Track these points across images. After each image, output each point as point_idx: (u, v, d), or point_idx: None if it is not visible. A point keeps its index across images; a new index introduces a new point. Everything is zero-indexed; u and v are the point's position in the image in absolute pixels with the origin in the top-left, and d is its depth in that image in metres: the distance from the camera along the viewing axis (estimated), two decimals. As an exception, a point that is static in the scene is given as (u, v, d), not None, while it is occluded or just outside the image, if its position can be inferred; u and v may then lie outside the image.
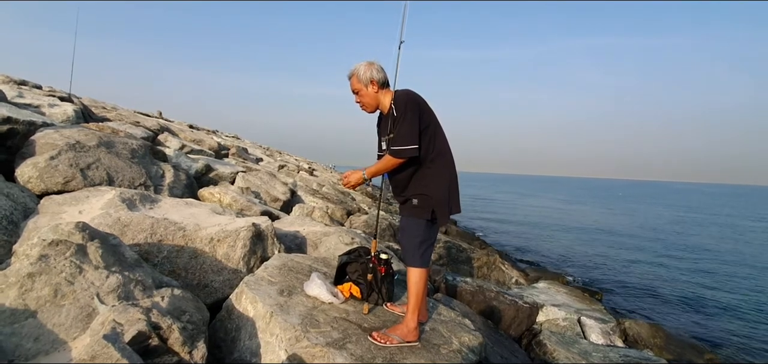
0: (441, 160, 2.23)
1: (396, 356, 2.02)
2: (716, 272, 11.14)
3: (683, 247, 15.39)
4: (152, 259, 2.64)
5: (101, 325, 1.69)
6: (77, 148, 3.83)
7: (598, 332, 4.98)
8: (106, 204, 3.07)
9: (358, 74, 2.25)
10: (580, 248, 13.86)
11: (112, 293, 1.93)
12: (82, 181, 3.57)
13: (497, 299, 4.65)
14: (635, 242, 16.06)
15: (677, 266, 11.68)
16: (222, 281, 2.70)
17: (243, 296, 2.32)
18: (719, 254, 14.13)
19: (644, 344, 5.16)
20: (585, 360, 4.10)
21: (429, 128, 2.19)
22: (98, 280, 1.97)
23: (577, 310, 5.48)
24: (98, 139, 4.10)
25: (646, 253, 13.67)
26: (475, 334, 2.51)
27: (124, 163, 4.10)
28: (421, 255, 2.20)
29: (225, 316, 2.34)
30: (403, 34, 2.31)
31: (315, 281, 2.49)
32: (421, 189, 2.21)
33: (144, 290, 2.01)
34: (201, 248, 2.84)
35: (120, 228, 2.76)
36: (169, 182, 4.43)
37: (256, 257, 3.01)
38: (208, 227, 3.07)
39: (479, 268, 7.37)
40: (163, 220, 3.00)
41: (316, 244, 3.87)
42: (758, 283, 10.04)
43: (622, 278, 9.98)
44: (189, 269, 2.68)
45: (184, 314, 1.90)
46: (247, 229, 3.03)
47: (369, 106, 2.30)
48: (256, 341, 2.10)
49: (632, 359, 4.34)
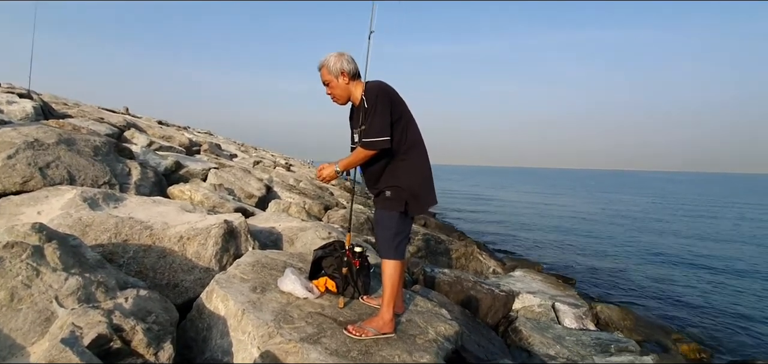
0: (414, 152, 2.22)
1: (371, 349, 2.02)
2: (683, 256, 11.65)
3: (652, 232, 16.03)
4: (117, 260, 2.53)
5: (60, 329, 1.62)
6: (36, 147, 3.64)
7: (572, 316, 5.13)
8: (67, 204, 2.93)
9: (328, 66, 2.21)
10: (554, 237, 14.24)
11: (72, 296, 1.84)
12: (42, 180, 3.40)
13: (474, 289, 4.71)
14: (606, 228, 16.62)
15: (646, 251, 12.16)
16: (193, 280, 2.63)
17: (214, 295, 2.26)
18: (686, 238, 14.79)
19: (615, 326, 5.35)
20: (559, 344, 4.22)
21: (401, 120, 2.18)
22: (57, 282, 1.88)
23: (552, 296, 5.62)
24: (58, 137, 3.91)
25: (617, 239, 14.18)
26: (452, 323, 2.53)
27: (86, 161, 3.92)
28: (395, 247, 2.19)
29: (195, 315, 2.27)
30: (373, 25, 2.28)
31: (289, 276, 2.45)
32: (393, 181, 2.20)
33: (106, 292, 1.92)
34: (170, 247, 2.75)
35: (81, 228, 2.64)
36: (135, 180, 4.26)
37: (228, 255, 2.93)
38: (177, 226, 2.97)
39: (457, 259, 7.45)
40: (129, 219, 2.88)
41: (292, 240, 3.82)
42: (723, 265, 10.56)
43: (595, 263, 10.31)
44: (157, 269, 2.59)
45: (150, 314, 1.83)
46: (219, 226, 2.95)
47: (340, 98, 2.27)
48: (228, 340, 2.05)
49: (603, 341, 4.49)
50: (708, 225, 18.92)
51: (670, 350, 5.07)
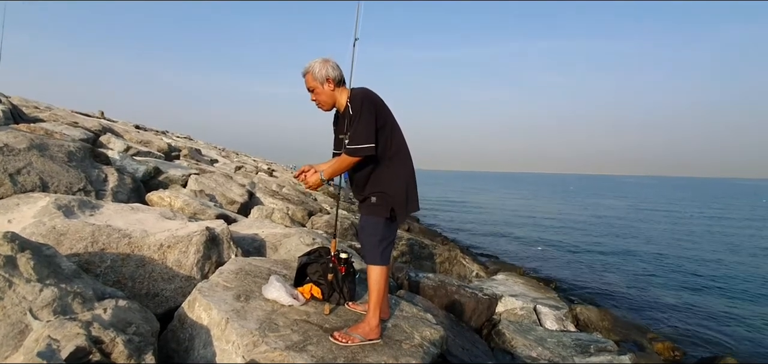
0: (399, 159, 2.24)
1: (358, 355, 2.01)
2: (657, 257, 12.05)
3: (628, 235, 16.53)
4: (94, 269, 2.45)
5: (35, 342, 1.55)
6: (5, 152, 3.49)
7: (553, 318, 5.24)
8: (40, 212, 2.82)
9: (313, 72, 2.21)
10: (536, 240, 14.51)
11: (47, 308, 1.77)
12: (12, 187, 3.26)
13: (458, 293, 4.76)
14: (586, 232, 17.04)
15: (623, 253, 12.53)
16: (173, 289, 2.57)
17: (196, 304, 2.21)
18: (661, 241, 15.29)
19: (594, 327, 5.49)
20: (541, 346, 4.29)
21: (386, 127, 2.19)
22: (31, 294, 1.81)
23: (533, 299, 5.73)
24: (29, 142, 3.76)
25: (596, 242, 14.55)
26: (437, 328, 2.55)
27: (59, 167, 3.79)
28: (380, 253, 2.20)
29: (177, 325, 2.22)
30: (357, 32, 2.30)
31: (274, 283, 2.42)
32: (379, 187, 2.21)
33: (84, 303, 1.86)
34: (149, 255, 2.68)
35: (55, 237, 2.55)
36: (112, 187, 4.14)
37: (210, 263, 2.88)
38: (157, 233, 2.90)
39: (441, 263, 7.52)
40: (106, 227, 2.80)
41: (276, 246, 3.77)
42: (696, 267, 10.96)
43: (575, 266, 10.56)
44: (136, 278, 2.52)
45: (130, 325, 1.78)
46: (201, 233, 2.89)
47: (325, 105, 2.27)
48: (211, 350, 2.01)
49: (583, 342, 4.60)
50: (682, 228, 19.62)
51: (646, 349, 5.23)
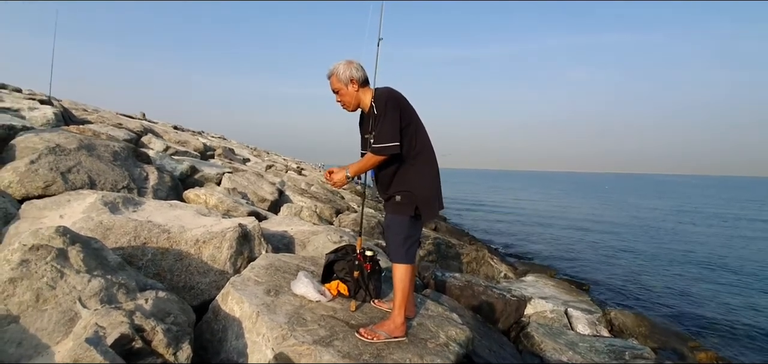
0: (423, 157, 2.25)
1: (383, 352, 2.04)
2: (701, 262, 11.39)
3: (669, 238, 15.71)
4: (136, 262, 2.61)
5: (84, 328, 1.68)
6: (57, 152, 3.76)
7: (585, 322, 5.07)
8: (88, 208, 3.02)
9: (338, 74, 2.25)
10: (568, 242, 14.05)
11: (95, 297, 1.91)
12: (63, 185, 3.51)
13: (485, 293, 4.70)
14: (622, 234, 16.33)
15: (663, 257, 11.92)
16: (208, 282, 2.69)
17: (229, 297, 2.31)
18: (704, 244, 14.44)
19: (629, 333, 5.27)
20: (571, 350, 4.17)
21: (410, 126, 2.21)
22: (80, 284, 1.95)
23: (564, 302, 5.57)
24: (79, 142, 4.03)
25: (633, 244, 13.92)
26: (463, 328, 2.54)
27: (105, 166, 4.04)
28: (405, 251, 2.22)
29: (211, 317, 2.33)
30: (381, 32, 2.32)
31: (302, 279, 2.49)
32: (404, 186, 2.23)
33: (127, 293, 1.99)
34: (186, 249, 2.82)
35: (102, 232, 2.73)
36: (153, 184, 4.37)
37: (242, 258, 2.99)
38: (193, 229, 3.04)
39: (468, 263, 7.43)
40: (147, 222, 2.96)
41: (304, 243, 3.87)
42: (743, 273, 10.28)
43: (609, 269, 10.15)
44: (174, 271, 2.66)
45: (169, 315, 1.88)
46: (234, 230, 3.01)
47: (349, 105, 2.31)
48: (243, 341, 2.09)
49: (617, 348, 4.43)
50: (727, 229, 18.46)
51: (687, 358, 4.97)
